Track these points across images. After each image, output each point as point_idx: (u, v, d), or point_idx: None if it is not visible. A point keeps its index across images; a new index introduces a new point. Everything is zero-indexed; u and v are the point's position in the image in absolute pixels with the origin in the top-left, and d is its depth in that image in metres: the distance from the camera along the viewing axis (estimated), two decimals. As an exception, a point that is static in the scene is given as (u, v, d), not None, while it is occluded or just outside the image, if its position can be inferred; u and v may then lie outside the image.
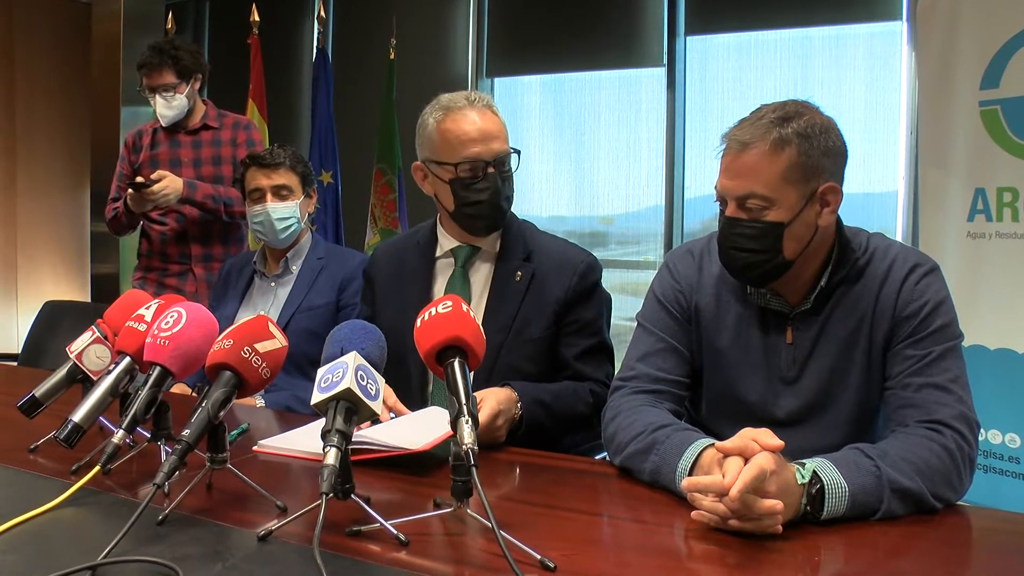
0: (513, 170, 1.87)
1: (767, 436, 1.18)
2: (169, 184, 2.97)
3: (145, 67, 3.10)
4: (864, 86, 3.63)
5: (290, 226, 2.46)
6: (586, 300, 1.87)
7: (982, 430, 1.84)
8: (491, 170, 1.81)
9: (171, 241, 3.19)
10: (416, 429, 1.53)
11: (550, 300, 1.85)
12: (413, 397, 1.90)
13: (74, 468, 1.39)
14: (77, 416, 1.30)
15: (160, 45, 3.12)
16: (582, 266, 1.88)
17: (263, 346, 1.25)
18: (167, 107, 3.12)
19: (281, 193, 2.47)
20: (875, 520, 1.21)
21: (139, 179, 2.97)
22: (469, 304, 1.38)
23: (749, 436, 1.19)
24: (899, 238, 3.47)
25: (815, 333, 1.50)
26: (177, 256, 3.20)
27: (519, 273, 1.87)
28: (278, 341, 1.28)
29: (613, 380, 1.64)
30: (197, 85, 3.20)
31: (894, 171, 3.57)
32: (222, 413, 1.21)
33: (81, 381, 1.52)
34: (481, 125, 1.80)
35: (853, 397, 1.49)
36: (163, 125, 3.16)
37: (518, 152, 1.87)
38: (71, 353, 1.52)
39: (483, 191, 1.81)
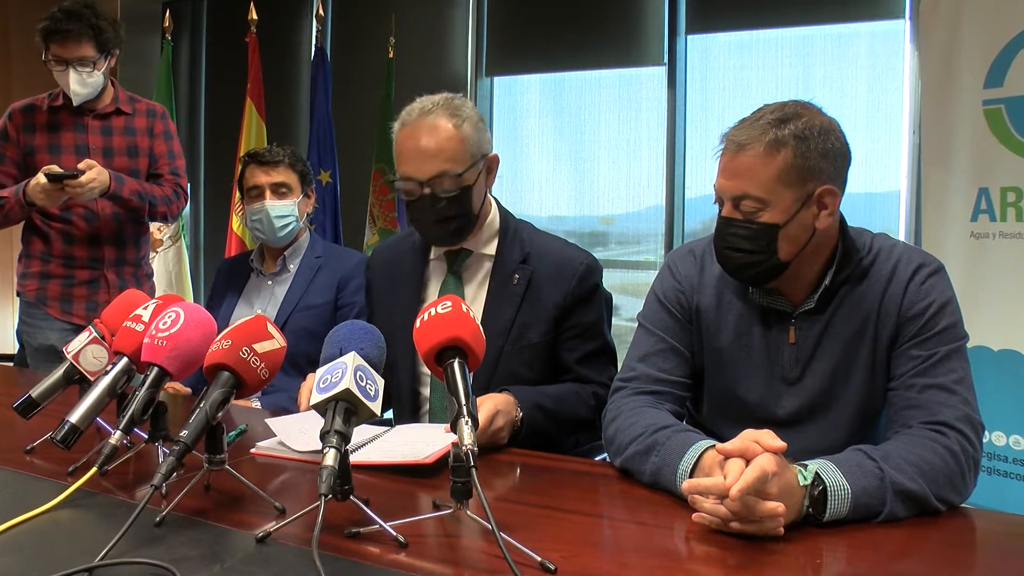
0: (472, 184, 1.78)
1: (769, 437, 1.18)
2: (97, 177, 2.58)
3: (58, 34, 2.62)
4: (866, 85, 3.64)
5: (288, 224, 2.46)
6: (586, 303, 1.86)
7: (986, 432, 1.83)
8: (425, 191, 1.75)
9: (80, 242, 2.78)
10: (413, 442, 1.53)
11: (549, 304, 1.84)
12: (404, 402, 1.90)
13: (71, 469, 1.40)
14: (74, 417, 1.30)
15: (77, 10, 2.63)
16: (581, 268, 1.86)
17: (262, 346, 1.25)
18: (82, 84, 2.67)
19: (280, 191, 2.47)
20: (878, 522, 1.22)
21: (53, 168, 2.56)
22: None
23: (751, 437, 1.19)
24: (902, 238, 3.46)
25: (818, 332, 1.50)
26: (87, 260, 2.80)
27: (516, 276, 1.85)
28: (277, 341, 1.28)
29: (613, 381, 1.64)
30: (113, 62, 2.78)
31: (896, 170, 3.57)
32: (220, 414, 1.21)
33: (78, 382, 1.52)
34: (419, 142, 1.74)
35: (856, 397, 1.50)
36: (73, 104, 2.72)
37: (482, 156, 1.80)
38: (68, 353, 1.52)
39: (417, 210, 1.79)
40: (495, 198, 1.96)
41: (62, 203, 2.64)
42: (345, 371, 1.13)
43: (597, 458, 1.84)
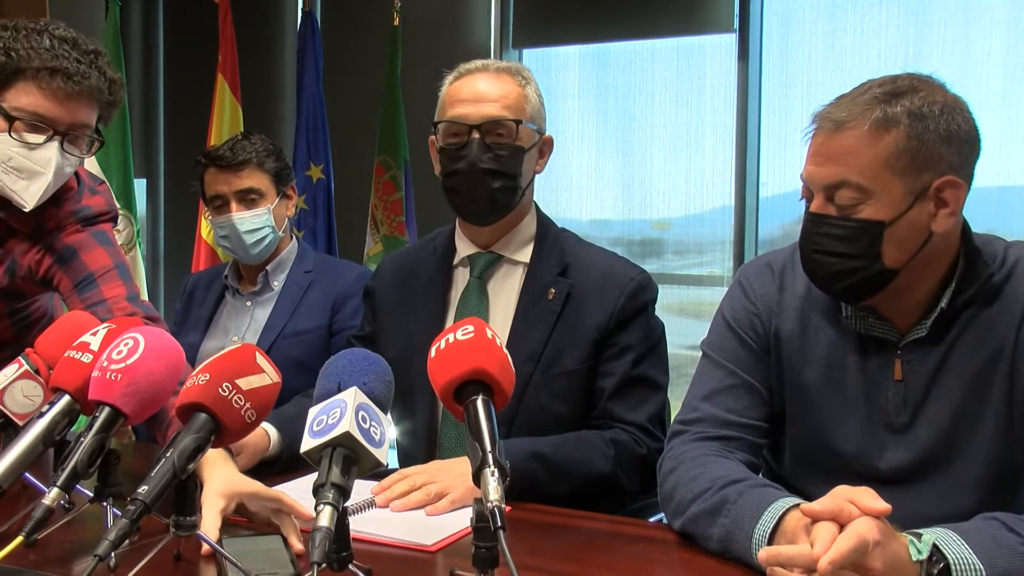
0: (526, 148, 1.90)
1: (868, 497, 1.18)
2: None
3: None
4: (1002, 49, 3.56)
5: (264, 238, 2.47)
6: (630, 323, 1.88)
7: None
8: (475, 135, 1.86)
9: None
10: (419, 515, 1.56)
11: (590, 325, 1.86)
12: (419, 439, 1.92)
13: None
14: (-6, 472, 1.26)
15: None
16: (631, 285, 1.89)
17: (248, 382, 1.24)
18: None
19: (249, 198, 2.47)
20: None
21: None
22: (488, 324, 1.39)
23: (845, 496, 1.19)
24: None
25: (933, 367, 1.49)
26: None
27: (552, 290, 1.89)
28: (268, 376, 1.27)
29: (672, 424, 1.65)
30: None
31: (1042, 158, 3.53)
32: (191, 466, 1.20)
33: (2, 428, 1.49)
34: (478, 87, 1.90)
35: (986, 451, 1.48)
36: None
37: (537, 130, 1.93)
38: (-11, 393, 1.48)
39: (461, 159, 1.86)
40: (535, 202, 2.02)
41: None
42: (344, 410, 1.14)
43: (652, 519, 1.83)
